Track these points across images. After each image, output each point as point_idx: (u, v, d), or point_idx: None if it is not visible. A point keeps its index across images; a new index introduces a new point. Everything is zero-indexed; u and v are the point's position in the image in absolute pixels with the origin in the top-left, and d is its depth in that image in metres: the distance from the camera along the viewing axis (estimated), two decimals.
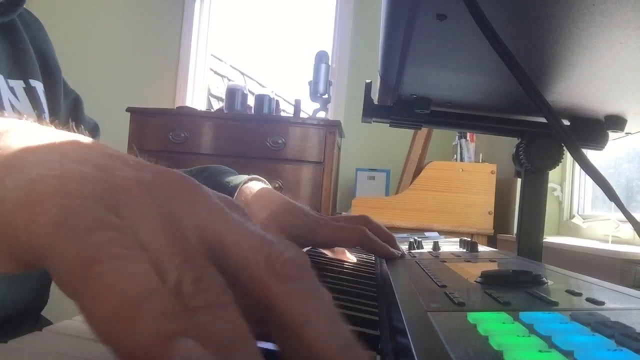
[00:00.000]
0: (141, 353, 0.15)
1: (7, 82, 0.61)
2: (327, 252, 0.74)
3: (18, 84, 0.62)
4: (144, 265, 0.17)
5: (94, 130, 0.79)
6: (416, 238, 0.75)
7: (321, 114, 2.83)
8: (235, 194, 0.66)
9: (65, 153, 0.21)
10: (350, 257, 0.72)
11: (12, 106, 0.60)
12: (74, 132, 0.26)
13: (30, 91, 0.64)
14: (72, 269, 0.17)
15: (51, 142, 0.22)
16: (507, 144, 1.95)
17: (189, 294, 0.18)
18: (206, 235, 0.21)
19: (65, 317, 0.35)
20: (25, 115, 0.26)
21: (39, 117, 0.63)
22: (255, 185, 0.69)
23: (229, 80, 3.71)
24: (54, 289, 0.18)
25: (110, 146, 0.25)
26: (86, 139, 0.24)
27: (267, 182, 0.72)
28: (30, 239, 0.18)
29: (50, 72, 0.69)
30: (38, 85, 0.65)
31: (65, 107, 0.73)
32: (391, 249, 0.59)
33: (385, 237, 0.61)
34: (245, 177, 0.70)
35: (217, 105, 3.46)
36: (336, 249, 0.71)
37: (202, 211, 0.21)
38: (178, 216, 0.21)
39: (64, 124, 0.27)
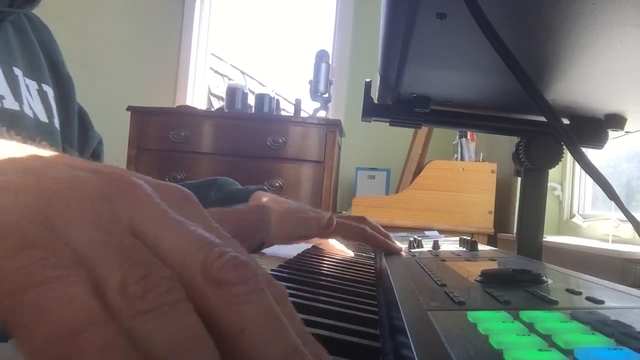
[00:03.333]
0: None
1: (24, 80, 0.61)
2: (322, 245, 0.84)
3: (32, 84, 0.63)
4: (80, 288, 0.16)
5: (99, 147, 0.80)
6: (416, 237, 0.75)
7: (321, 113, 2.83)
8: (249, 200, 0.74)
9: None
10: (344, 250, 0.81)
11: (29, 104, 0.60)
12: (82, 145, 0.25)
13: (42, 93, 0.64)
14: (3, 296, 0.15)
15: None
16: (508, 143, 1.95)
17: (136, 296, 0.16)
18: (144, 239, 0.19)
19: None
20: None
21: (50, 120, 0.64)
22: (261, 193, 0.76)
23: (230, 79, 3.71)
24: None
25: (49, 150, 0.23)
26: (25, 145, 0.23)
27: (270, 191, 0.80)
28: None
29: (62, 81, 0.70)
30: (49, 91, 0.65)
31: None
32: (391, 243, 0.64)
33: (383, 235, 0.67)
34: (253, 187, 0.78)
35: (217, 104, 3.46)
36: (331, 241, 0.81)
37: (140, 212, 0.20)
38: (115, 218, 0.19)
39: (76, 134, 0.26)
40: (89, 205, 0.19)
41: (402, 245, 0.67)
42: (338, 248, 0.82)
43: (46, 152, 0.22)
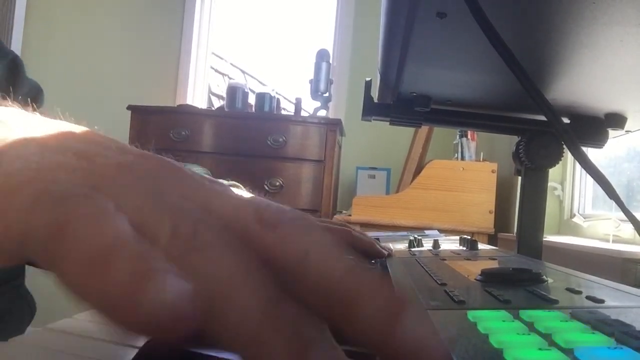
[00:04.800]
0: (116, 295, 0.14)
1: None
2: None
3: None
4: (115, 217, 0.17)
5: (36, 94, 0.75)
6: (416, 236, 0.75)
7: (322, 113, 2.83)
8: None
9: (45, 144, 0.21)
10: None
11: None
12: (12, 97, 0.26)
13: None
14: (44, 240, 0.16)
15: (34, 134, 0.22)
16: (508, 143, 1.94)
17: (189, 235, 0.17)
18: (193, 203, 0.20)
19: (65, 315, 0.35)
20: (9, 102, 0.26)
21: None
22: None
23: (230, 78, 3.71)
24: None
25: (96, 132, 0.24)
26: (72, 127, 0.24)
27: (243, 188, 0.72)
28: (5, 228, 0.18)
29: None
30: None
31: (2, 69, 0.69)
32: (378, 247, 0.59)
33: (368, 240, 0.60)
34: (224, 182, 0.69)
35: (217, 103, 3.46)
36: None
37: (185, 186, 0.21)
38: (162, 191, 0.20)
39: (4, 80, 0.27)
40: (138, 182, 0.20)
41: (402, 245, 0.67)
42: None
43: (97, 136, 0.24)
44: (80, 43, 3.24)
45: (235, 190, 0.22)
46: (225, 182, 0.68)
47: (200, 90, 3.37)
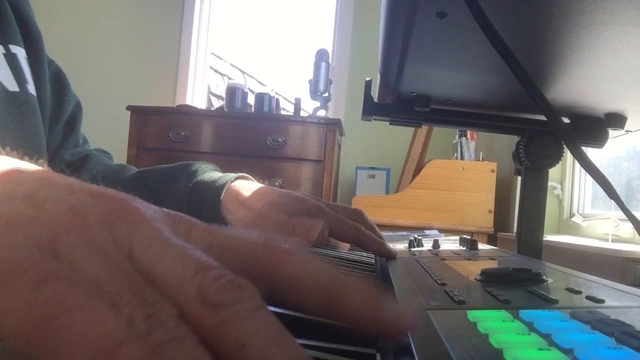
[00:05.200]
0: None
1: None
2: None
3: None
4: (108, 311, 0.17)
5: (76, 110, 0.75)
6: (416, 236, 0.75)
7: (321, 112, 2.83)
8: (223, 193, 0.63)
9: None
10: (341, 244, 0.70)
11: None
12: (60, 106, 0.25)
13: (11, 58, 0.59)
14: (26, 331, 0.16)
15: None
16: (508, 142, 1.95)
17: (144, 331, 0.17)
18: (141, 265, 0.20)
19: None
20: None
21: (22, 88, 0.58)
22: (243, 182, 0.66)
23: (229, 78, 3.70)
24: None
25: (41, 168, 0.24)
26: (20, 164, 0.23)
27: (254, 180, 0.71)
28: None
29: (31, 38, 0.64)
30: (19, 52, 0.60)
31: (49, 82, 0.68)
32: (387, 247, 0.58)
33: (378, 237, 0.60)
34: (232, 175, 0.67)
35: (217, 103, 3.46)
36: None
37: (138, 237, 0.20)
38: (116, 245, 0.20)
39: (49, 98, 0.27)
40: (91, 234, 0.19)
41: (402, 245, 0.67)
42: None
43: (44, 171, 0.23)
44: (80, 43, 3.24)
45: (244, 182, 0.21)
46: (233, 174, 0.68)
47: (200, 90, 3.37)
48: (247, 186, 0.64)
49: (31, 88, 0.61)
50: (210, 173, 0.68)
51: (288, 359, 0.18)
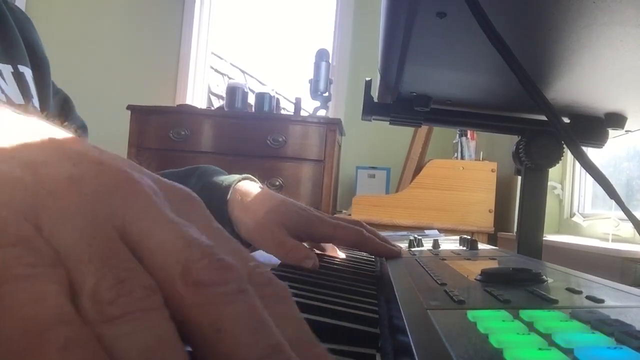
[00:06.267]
0: None
1: None
2: (316, 249, 0.71)
3: (6, 68, 0.60)
4: (52, 287, 0.16)
5: (81, 131, 0.78)
6: (416, 236, 0.75)
7: (321, 112, 2.83)
8: (229, 194, 0.64)
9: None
10: (340, 254, 0.70)
11: (1, 89, 0.58)
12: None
13: (18, 76, 0.61)
14: None
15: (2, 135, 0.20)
16: (508, 142, 1.95)
17: (107, 301, 0.16)
18: (131, 235, 0.19)
19: None
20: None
21: (27, 103, 0.60)
22: (248, 184, 0.67)
23: (230, 78, 3.71)
24: None
25: (64, 131, 0.23)
26: (35, 125, 0.22)
27: (258, 181, 0.71)
28: None
29: (38, 63, 0.67)
30: (27, 71, 0.63)
31: (54, 105, 0.71)
32: (389, 245, 0.59)
33: (380, 239, 0.60)
34: (237, 176, 0.68)
35: (217, 103, 3.46)
36: (327, 245, 0.70)
37: (133, 209, 0.19)
38: (106, 214, 0.19)
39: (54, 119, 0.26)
40: (81, 204, 0.19)
41: (402, 245, 0.67)
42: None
43: (57, 134, 0.22)
44: (80, 43, 3.24)
45: (248, 184, 0.21)
46: (238, 175, 0.69)
47: (200, 90, 3.37)
48: (251, 189, 0.65)
49: (35, 102, 0.63)
50: (217, 174, 0.69)
51: (264, 351, 0.17)
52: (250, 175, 0.69)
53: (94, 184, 0.19)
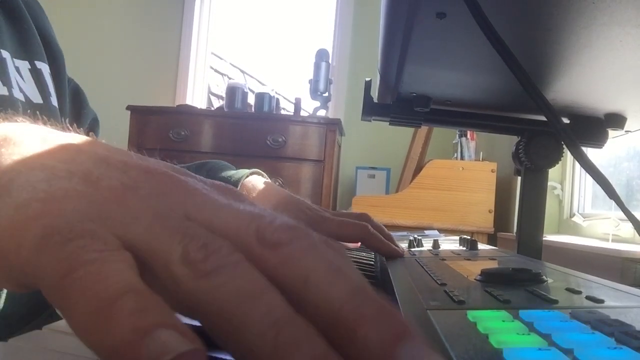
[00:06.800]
0: (119, 350, 0.15)
1: (13, 62, 0.58)
2: None
3: (24, 65, 0.60)
4: (119, 264, 0.18)
5: (94, 123, 0.77)
6: (416, 236, 0.75)
7: (321, 112, 2.83)
8: (239, 186, 0.66)
9: (52, 169, 0.21)
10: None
11: (19, 87, 0.58)
12: (74, 125, 0.26)
13: (35, 73, 0.61)
14: (53, 283, 0.17)
15: (40, 155, 0.22)
16: (508, 142, 1.95)
17: (199, 260, 0.18)
18: (200, 223, 0.21)
19: None
20: (20, 117, 0.26)
21: (45, 100, 0.61)
22: (256, 179, 0.69)
23: (229, 78, 3.70)
24: None
25: (101, 144, 0.25)
26: (77, 141, 0.24)
27: (267, 176, 0.72)
28: (20, 263, 0.19)
29: (54, 56, 0.67)
30: (44, 67, 0.63)
31: (68, 93, 0.71)
32: (394, 246, 0.59)
33: (386, 236, 0.60)
34: (246, 171, 0.70)
35: (217, 103, 3.46)
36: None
37: (192, 201, 0.22)
38: (167, 211, 0.21)
39: (69, 111, 0.28)
40: (143, 205, 0.21)
41: (402, 245, 0.67)
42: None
43: (102, 151, 0.24)
44: (80, 43, 3.24)
45: (256, 179, 0.22)
46: (247, 170, 0.69)
47: (200, 90, 3.37)
48: (259, 183, 0.68)
49: (54, 100, 0.64)
50: (226, 169, 0.73)
51: (348, 286, 0.18)
52: (258, 170, 0.71)
53: (146, 188, 0.22)
